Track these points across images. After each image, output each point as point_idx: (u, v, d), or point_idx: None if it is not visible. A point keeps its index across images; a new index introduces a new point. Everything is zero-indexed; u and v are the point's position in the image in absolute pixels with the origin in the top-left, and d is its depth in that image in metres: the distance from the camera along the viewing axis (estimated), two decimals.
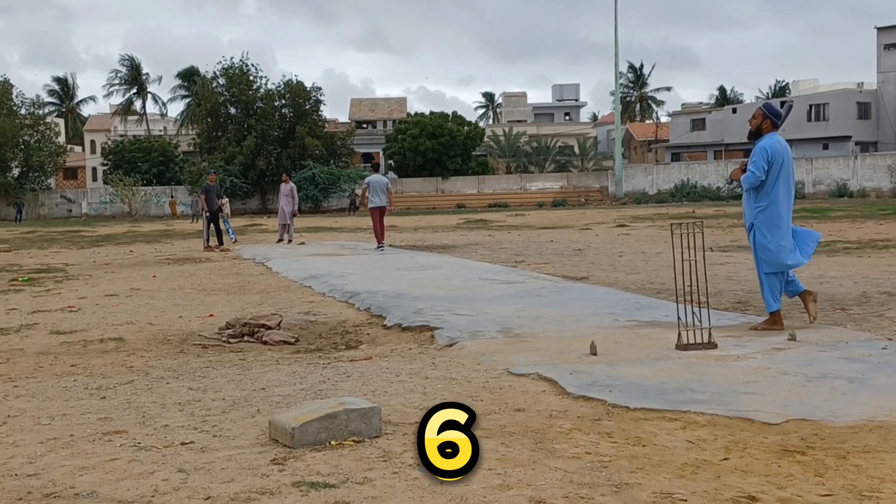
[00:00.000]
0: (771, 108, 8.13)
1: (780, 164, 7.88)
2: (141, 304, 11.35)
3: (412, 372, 6.51)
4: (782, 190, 7.92)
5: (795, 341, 7.17)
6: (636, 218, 36.02)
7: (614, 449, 4.45)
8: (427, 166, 66.98)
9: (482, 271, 14.46)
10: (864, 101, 66.94)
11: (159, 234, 33.39)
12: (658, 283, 12.19)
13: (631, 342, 7.47)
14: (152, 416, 5.32)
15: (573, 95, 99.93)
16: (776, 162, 7.88)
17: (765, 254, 7.97)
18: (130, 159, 68.34)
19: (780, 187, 7.91)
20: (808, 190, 58.58)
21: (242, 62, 63.57)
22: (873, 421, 4.82)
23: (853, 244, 18.72)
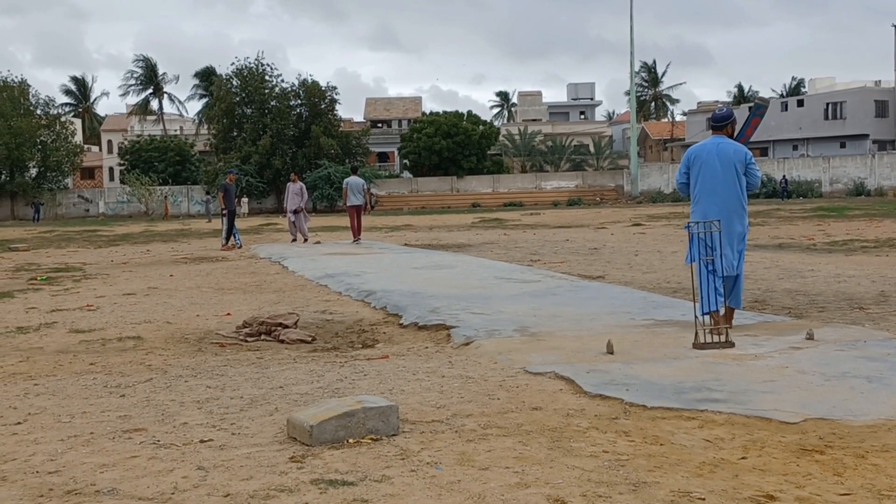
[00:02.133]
0: (713, 113, 8.01)
1: (699, 168, 7.77)
2: (158, 302, 11.41)
3: (429, 371, 6.52)
4: (701, 193, 7.77)
5: (813, 340, 7.14)
6: (652, 217, 35.93)
7: (632, 448, 4.45)
8: (442, 165, 67.03)
9: (498, 270, 14.46)
10: (881, 98, 66.51)
11: (176, 234, 33.54)
12: (674, 281, 12.17)
13: (648, 341, 7.46)
14: (171, 414, 5.35)
15: (588, 94, 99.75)
16: (693, 165, 7.82)
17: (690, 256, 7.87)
18: (147, 159, 68.68)
19: (700, 190, 7.78)
20: (825, 189, 58.34)
21: (258, 61, 63.78)
22: (892, 420, 4.80)
23: (871, 243, 18.62)
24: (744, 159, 7.67)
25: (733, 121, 7.89)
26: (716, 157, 7.70)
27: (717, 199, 7.69)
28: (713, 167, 7.69)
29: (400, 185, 68.47)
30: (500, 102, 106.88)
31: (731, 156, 7.66)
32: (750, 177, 7.71)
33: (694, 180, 7.83)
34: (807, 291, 10.75)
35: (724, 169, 7.66)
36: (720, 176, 7.67)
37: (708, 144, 7.83)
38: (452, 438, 4.65)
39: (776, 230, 24.38)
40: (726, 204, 7.68)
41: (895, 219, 28.06)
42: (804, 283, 11.62)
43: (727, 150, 7.70)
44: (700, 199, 7.80)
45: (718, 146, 7.74)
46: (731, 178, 7.66)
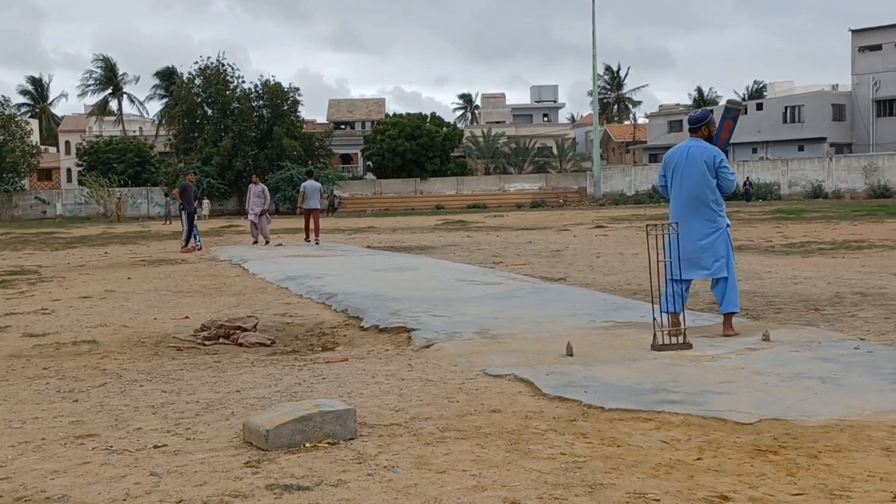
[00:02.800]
0: (689, 116, 8.11)
1: (672, 170, 7.84)
2: (115, 306, 11.27)
3: (388, 373, 6.50)
4: (675, 195, 7.84)
5: (769, 341, 7.22)
6: (614, 219, 36.17)
7: (589, 449, 4.46)
8: (406, 167, 66.97)
9: (460, 272, 14.46)
10: (838, 102, 67.50)
11: (135, 236, 33.18)
12: (635, 283, 12.24)
13: (607, 343, 7.50)
14: (125, 420, 5.28)
15: (551, 97, 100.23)
16: (668, 168, 7.90)
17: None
18: (105, 160, 67.90)
19: (674, 193, 7.86)
20: (783, 191, 59.05)
21: (220, 62, 63.30)
22: (845, 420, 4.86)
23: (827, 245, 18.88)
24: (712, 162, 7.65)
25: (710, 122, 7.87)
26: (685, 160, 7.74)
27: (684, 202, 7.73)
28: (683, 170, 7.74)
29: (363, 187, 68.32)
30: (464, 105, 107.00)
31: (699, 158, 7.67)
32: (721, 180, 7.67)
33: (669, 183, 7.90)
34: (764, 293, 10.86)
35: (692, 172, 7.68)
36: (687, 179, 7.71)
37: (681, 147, 7.89)
38: (410, 442, 4.64)
39: (735, 232, 24.60)
40: (693, 207, 7.70)
41: (851, 221, 28.47)
42: (762, 284, 11.75)
43: (696, 152, 7.72)
44: (673, 201, 7.87)
45: (689, 149, 7.77)
46: (698, 180, 7.66)
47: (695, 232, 7.69)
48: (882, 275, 12.46)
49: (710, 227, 7.71)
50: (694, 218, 7.70)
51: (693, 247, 7.68)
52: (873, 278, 12.03)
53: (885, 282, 11.58)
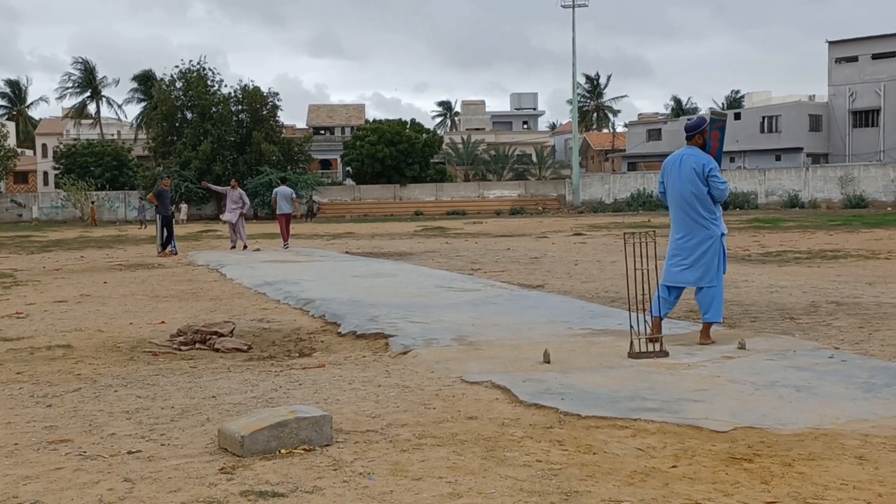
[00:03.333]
0: (685, 125, 8.06)
1: (666, 179, 7.91)
2: (91, 310, 11.19)
3: (365, 380, 6.49)
4: (670, 204, 7.90)
5: (745, 350, 7.26)
6: (592, 227, 36.28)
7: (565, 457, 4.47)
8: (385, 173, 66.91)
9: (438, 279, 14.46)
10: (815, 113, 68.06)
11: (111, 240, 32.96)
12: (612, 291, 12.28)
13: (584, 350, 7.52)
14: (99, 425, 5.24)
15: (531, 104, 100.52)
16: (665, 176, 7.95)
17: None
18: (83, 163, 67.40)
19: (670, 201, 7.91)
20: (760, 200, 59.43)
21: (200, 66, 63.03)
22: (819, 429, 4.89)
23: (803, 254, 19.02)
24: (702, 170, 7.68)
25: (704, 130, 7.88)
26: (677, 168, 7.79)
27: (677, 209, 7.80)
28: (675, 178, 7.79)
29: (342, 193, 68.19)
30: (443, 112, 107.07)
31: (689, 166, 7.72)
32: (712, 189, 7.68)
33: (667, 190, 7.95)
34: (740, 301, 10.93)
35: (683, 180, 7.73)
36: (678, 187, 7.76)
37: (676, 155, 7.93)
38: (386, 448, 4.63)
39: None
40: (685, 214, 7.75)
41: (827, 231, 28.69)
42: (738, 293, 11.81)
43: (688, 160, 7.76)
44: (669, 209, 7.94)
45: (682, 157, 7.81)
46: (689, 188, 7.70)
47: (688, 242, 7.73)
48: (857, 284, 12.57)
49: (703, 235, 7.74)
50: (686, 227, 7.76)
51: (685, 255, 7.73)
52: (848, 288, 12.13)
53: (859, 291, 11.68)
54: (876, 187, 55.71)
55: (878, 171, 56.77)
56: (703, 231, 7.73)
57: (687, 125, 7.98)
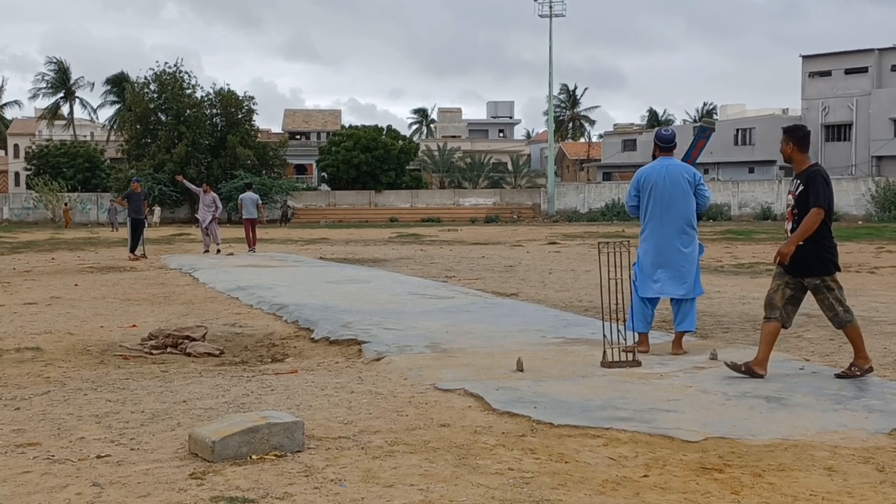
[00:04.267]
0: (657, 133, 8.04)
1: (649, 190, 7.77)
2: (61, 312, 11.08)
3: (338, 386, 6.47)
4: (653, 216, 7.79)
5: (717, 360, 7.30)
6: (567, 236, 36.40)
7: (537, 465, 4.47)
8: (360, 179, 66.82)
9: (412, 286, 14.45)
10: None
11: (83, 242, 32.67)
12: (586, 300, 12.32)
13: (557, 359, 7.53)
14: (68, 429, 5.19)
15: (507, 113, 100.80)
16: (643, 187, 7.81)
17: (634, 276, 7.93)
18: (55, 164, 66.83)
19: (651, 213, 7.80)
20: (734, 212, 59.90)
21: (177, 68, 62.70)
22: (789, 440, 4.93)
23: (775, 266, 19.14)
24: (693, 180, 7.76)
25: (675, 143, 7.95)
26: (666, 179, 7.73)
27: (666, 221, 7.75)
28: (663, 189, 7.72)
29: (317, 198, 68.01)
30: (419, 119, 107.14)
31: (681, 178, 7.74)
32: (699, 198, 7.77)
33: (644, 202, 7.83)
34: (713, 312, 10.99)
35: (674, 191, 7.72)
36: (668, 198, 7.72)
37: (657, 166, 7.84)
38: (358, 455, 4.61)
39: None
40: (675, 226, 7.75)
41: None
42: (711, 304, 11.88)
43: (676, 172, 7.77)
44: (650, 221, 7.83)
45: (668, 168, 7.79)
46: (680, 200, 7.72)
47: (676, 254, 7.75)
48: None
49: (688, 247, 7.79)
50: (675, 239, 7.75)
51: (673, 267, 7.74)
52: None
53: None
54: (847, 201, 56.28)
55: (850, 185, 57.38)
56: (691, 242, 7.80)
57: (664, 136, 7.95)
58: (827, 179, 6.77)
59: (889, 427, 5.19)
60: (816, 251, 6.73)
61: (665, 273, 7.75)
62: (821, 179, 6.73)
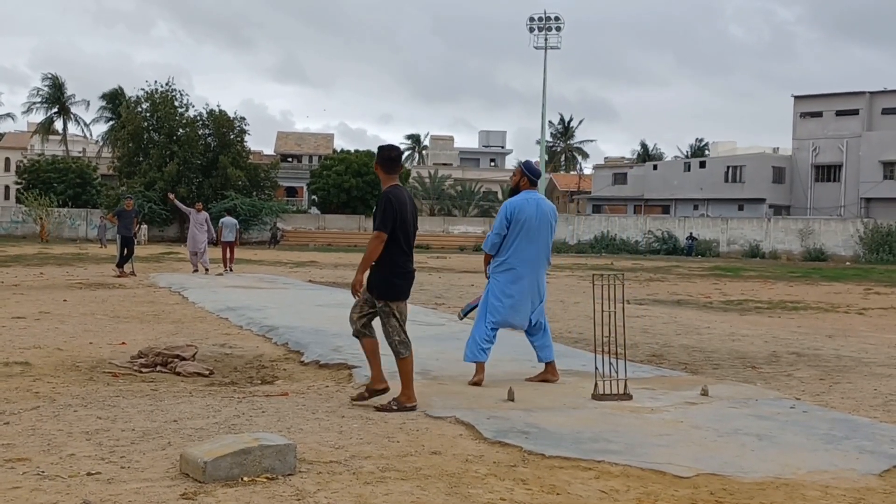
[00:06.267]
0: (528, 165, 8.08)
1: (521, 223, 7.77)
2: (50, 328, 11.02)
3: (329, 410, 6.45)
4: (521, 248, 7.79)
5: (708, 396, 7.31)
6: (556, 267, 36.43)
7: (528, 496, 4.46)
8: (351, 203, 66.85)
9: None
10: (778, 165, 69.22)
11: (72, 258, 32.55)
12: (576, 332, 12.32)
13: (548, 389, 7.53)
14: (58, 445, 5.15)
15: (499, 142, 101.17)
16: (516, 220, 7.79)
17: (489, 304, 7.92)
18: (46, 179, 66.56)
19: (520, 245, 7.80)
20: (722, 248, 60.12)
21: (169, 87, 62.76)
22: (780, 478, 4.93)
23: (764, 304, 19.23)
24: (555, 217, 7.98)
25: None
26: (537, 213, 7.82)
27: (533, 254, 7.82)
28: (537, 225, 7.80)
29: (307, 221, 67.96)
30: (412, 145, 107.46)
31: (548, 213, 7.90)
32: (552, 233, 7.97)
33: (513, 234, 7.80)
34: (703, 348, 11.02)
35: (541, 225, 7.82)
36: (537, 232, 7.81)
37: (529, 200, 7.86)
38: (350, 480, 4.59)
39: (675, 286, 24.98)
40: (540, 259, 7.89)
41: (787, 282, 29.06)
42: (700, 339, 11.91)
43: (546, 207, 7.91)
44: (515, 253, 7.80)
45: (539, 203, 7.89)
46: (546, 235, 7.87)
47: (538, 285, 7.90)
48: (817, 336, 12.72)
49: (544, 280, 8.03)
50: (539, 270, 7.91)
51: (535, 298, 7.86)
52: (808, 339, 12.28)
53: (819, 343, 11.82)
54: (835, 241, 56.60)
55: (839, 226, 57.72)
56: (545, 274, 8.06)
57: (536, 170, 8.09)
58: (393, 202, 6.64)
59: (880, 468, 5.21)
60: (384, 275, 6.67)
61: (526, 304, 7.83)
62: (383, 203, 6.68)
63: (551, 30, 64.34)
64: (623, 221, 65.62)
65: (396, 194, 6.75)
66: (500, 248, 7.89)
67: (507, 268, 7.86)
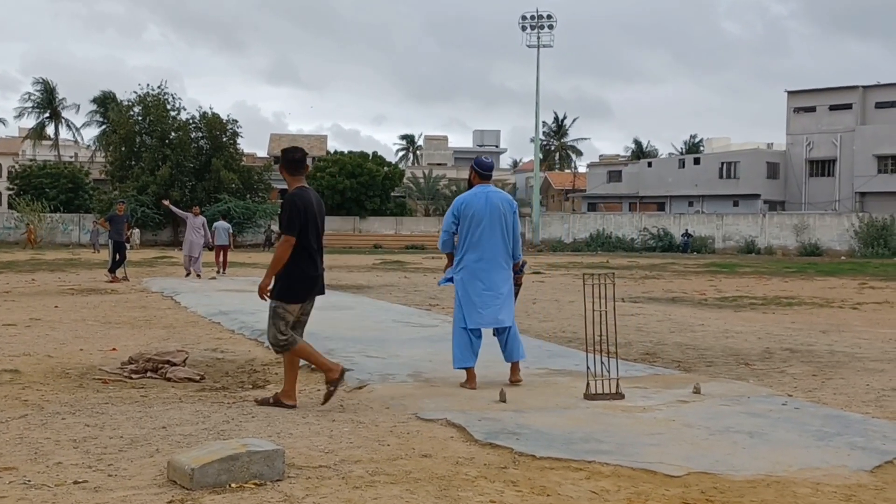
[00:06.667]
0: (477, 160, 7.98)
1: (469, 217, 7.66)
2: (40, 335, 10.98)
3: (319, 414, 6.42)
4: (474, 244, 7.68)
5: (700, 394, 7.29)
6: (551, 265, 36.43)
7: (519, 498, 4.44)
8: (345, 205, 66.80)
9: (396, 313, 14.41)
10: (773, 161, 69.33)
11: (64, 263, 32.47)
12: (570, 331, 12.30)
13: (540, 390, 7.51)
14: (45, 453, 5.12)
15: (494, 141, 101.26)
16: (465, 215, 7.69)
17: (455, 309, 7.86)
18: (38, 185, 66.46)
19: (472, 241, 7.69)
20: (718, 245, 60.17)
21: (161, 90, 62.69)
22: (771, 476, 4.91)
23: (759, 300, 19.23)
24: (509, 209, 7.73)
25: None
26: (486, 207, 7.67)
27: (487, 250, 7.67)
28: (482, 217, 7.65)
29: None
30: (406, 145, 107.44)
31: (499, 204, 7.69)
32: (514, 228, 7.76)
33: (464, 231, 7.72)
34: (696, 346, 11.00)
35: (492, 218, 7.66)
36: (488, 225, 7.66)
37: (478, 193, 7.75)
38: (339, 485, 4.57)
39: (670, 284, 24.98)
40: (496, 253, 7.68)
41: (782, 277, 29.07)
42: (694, 337, 11.90)
43: (495, 198, 7.73)
44: (469, 250, 7.71)
45: (488, 195, 7.73)
46: (499, 228, 7.67)
47: (496, 283, 7.68)
48: (811, 332, 12.72)
49: (507, 276, 7.76)
50: (496, 267, 7.68)
51: (497, 296, 7.67)
52: (802, 335, 12.27)
53: (813, 339, 11.82)
54: (830, 236, 56.67)
55: (833, 221, 57.80)
56: (508, 271, 7.78)
57: (484, 163, 7.90)
58: (299, 205, 6.63)
59: (871, 465, 5.19)
60: (284, 278, 6.67)
61: (490, 303, 7.65)
62: (288, 206, 6.67)
63: (544, 28, 64.39)
64: (618, 219, 65.64)
65: (302, 196, 6.76)
66: (456, 246, 7.80)
67: (462, 266, 7.76)
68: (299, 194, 6.75)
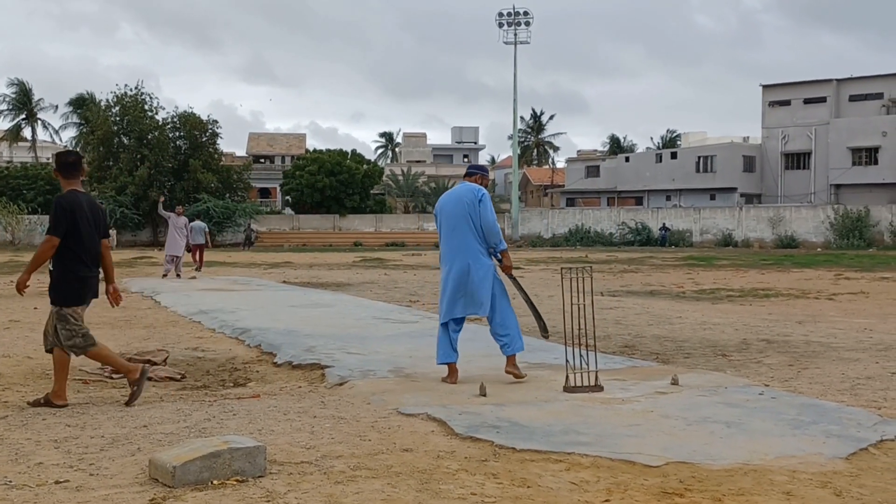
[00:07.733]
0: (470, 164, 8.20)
1: (442, 216, 7.83)
2: (19, 336, 10.93)
3: (301, 410, 6.44)
4: (445, 240, 7.81)
5: (678, 385, 7.36)
6: (531, 261, 36.53)
7: (499, 490, 4.48)
8: (325, 203, 66.68)
9: (376, 310, 14.43)
10: (749, 154, 69.71)
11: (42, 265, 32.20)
12: (549, 325, 12.34)
13: (520, 384, 7.56)
14: (26, 454, 5.12)
15: (472, 138, 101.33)
16: (438, 214, 7.90)
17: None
18: (15, 186, 65.96)
19: (443, 237, 7.83)
20: (695, 238, 60.50)
21: (138, 90, 62.33)
22: (748, 465, 4.98)
23: (736, 292, 19.37)
24: (473, 198, 7.71)
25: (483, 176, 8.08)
26: (451, 201, 7.81)
27: (453, 243, 7.74)
28: (449, 212, 7.78)
29: (281, 222, 67.74)
30: (385, 143, 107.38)
31: (464, 198, 7.73)
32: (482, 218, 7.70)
33: (440, 229, 7.88)
34: (674, 338, 11.09)
35: (457, 213, 7.73)
36: (455, 219, 7.74)
37: (452, 192, 7.93)
38: (320, 480, 4.60)
39: (648, 277, 25.12)
40: (464, 246, 7.70)
41: (759, 270, 29.29)
42: (672, 329, 11.99)
43: (460, 191, 7.82)
44: (443, 245, 7.84)
45: (458, 190, 7.87)
46: (463, 221, 7.70)
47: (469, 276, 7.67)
48: (787, 323, 12.84)
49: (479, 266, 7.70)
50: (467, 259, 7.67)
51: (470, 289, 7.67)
52: (778, 326, 12.39)
53: (789, 329, 11.94)
54: (807, 228, 57.12)
55: (809, 213, 58.25)
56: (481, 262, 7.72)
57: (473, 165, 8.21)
58: (66, 207, 6.65)
59: (846, 452, 5.27)
60: (60, 282, 6.71)
61: (459, 294, 7.70)
62: (54, 208, 6.71)
63: (521, 25, 64.49)
64: (597, 214, 65.85)
65: (71, 199, 6.74)
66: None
67: (440, 263, 7.94)
68: (69, 197, 6.74)
